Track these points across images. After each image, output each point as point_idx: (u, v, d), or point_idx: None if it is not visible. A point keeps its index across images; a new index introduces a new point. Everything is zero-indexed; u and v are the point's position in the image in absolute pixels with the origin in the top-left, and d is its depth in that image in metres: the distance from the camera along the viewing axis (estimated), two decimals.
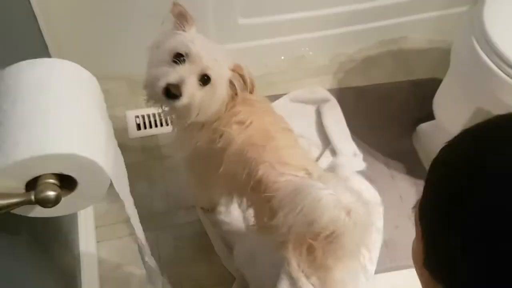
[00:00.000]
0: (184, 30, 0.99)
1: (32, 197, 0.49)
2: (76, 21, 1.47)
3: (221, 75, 0.97)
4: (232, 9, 1.57)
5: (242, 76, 0.99)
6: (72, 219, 1.22)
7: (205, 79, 0.95)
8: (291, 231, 0.84)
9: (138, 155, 1.49)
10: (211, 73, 0.95)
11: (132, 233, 1.17)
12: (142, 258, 0.89)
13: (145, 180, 1.43)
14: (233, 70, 0.99)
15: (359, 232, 0.85)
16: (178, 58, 0.94)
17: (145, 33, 1.55)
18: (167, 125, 1.57)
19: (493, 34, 1.12)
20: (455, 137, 0.45)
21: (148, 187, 1.42)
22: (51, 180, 0.51)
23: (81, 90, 0.57)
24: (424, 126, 1.55)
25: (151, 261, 0.87)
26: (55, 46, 1.33)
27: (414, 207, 0.50)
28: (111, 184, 0.58)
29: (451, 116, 1.35)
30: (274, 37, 1.72)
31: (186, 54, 0.93)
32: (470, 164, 0.40)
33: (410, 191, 1.44)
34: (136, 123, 1.57)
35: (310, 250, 0.90)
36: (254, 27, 1.66)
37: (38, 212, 0.54)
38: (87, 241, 1.26)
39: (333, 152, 1.51)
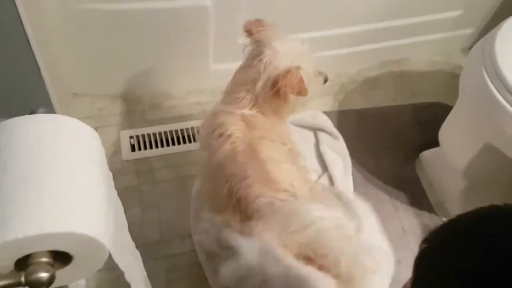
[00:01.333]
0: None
1: (22, 279, 0.44)
2: (70, 39, 1.41)
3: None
4: (235, 29, 1.52)
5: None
6: None
7: None
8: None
9: (132, 178, 1.43)
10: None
11: None
12: None
13: (138, 206, 1.37)
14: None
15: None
16: None
17: (139, 52, 1.52)
18: (163, 146, 1.51)
19: (504, 68, 1.09)
20: (437, 231, 0.45)
21: (140, 214, 1.36)
22: (44, 259, 0.45)
23: (81, 152, 0.51)
24: (427, 154, 1.51)
25: None
26: (49, 66, 1.27)
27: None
28: None
29: (457, 148, 1.31)
30: None
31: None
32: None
33: (413, 222, 1.40)
34: (131, 144, 1.51)
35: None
36: None
37: None
38: None
39: (331, 180, 1.47)
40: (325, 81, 1.20)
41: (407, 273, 1.07)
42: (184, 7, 1.40)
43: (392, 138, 1.62)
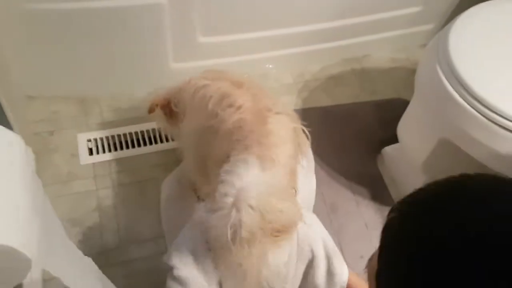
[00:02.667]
0: None
1: None
2: (22, 40, 1.36)
3: None
4: (192, 28, 1.49)
5: None
6: None
7: None
8: None
9: (90, 183, 1.39)
10: None
11: None
12: None
13: (96, 211, 1.33)
14: None
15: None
16: None
17: (95, 53, 1.47)
18: (122, 149, 1.48)
19: (458, 64, 1.10)
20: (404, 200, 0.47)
21: (98, 219, 1.32)
22: None
23: None
24: (388, 150, 1.52)
25: None
26: (2, 67, 1.22)
27: (367, 264, 0.53)
28: None
29: (415, 143, 1.32)
30: (236, 55, 1.66)
31: None
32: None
33: (375, 218, 1.41)
34: (88, 148, 1.46)
35: None
36: (215, 45, 1.59)
37: None
38: None
39: None
40: None
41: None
42: (138, 5, 1.36)
43: (355, 134, 1.62)
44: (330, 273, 0.94)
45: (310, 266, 0.94)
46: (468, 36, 1.16)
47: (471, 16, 1.22)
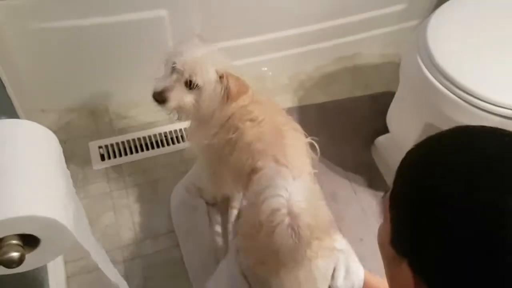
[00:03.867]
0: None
1: None
2: (33, 58, 1.47)
3: (207, 80, 1.06)
4: (192, 37, 1.60)
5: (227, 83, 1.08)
6: None
7: (192, 84, 1.06)
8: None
9: (103, 186, 1.49)
10: (196, 79, 1.05)
11: None
12: None
13: (111, 211, 1.43)
14: (220, 77, 1.07)
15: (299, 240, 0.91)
16: (174, 68, 1.06)
17: (102, 65, 1.58)
18: (132, 153, 1.58)
19: (436, 53, 1.20)
20: (421, 142, 0.54)
21: (114, 218, 1.42)
22: (14, 241, 0.52)
23: (38, 147, 0.58)
24: (381, 139, 1.62)
25: None
26: (16, 84, 1.32)
27: (383, 196, 0.60)
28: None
29: (403, 131, 1.42)
30: (233, 60, 1.75)
31: (174, 63, 1.05)
32: (432, 163, 0.49)
33: (372, 203, 1.50)
34: (100, 154, 1.57)
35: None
36: None
37: (3, 271, 0.55)
38: (57, 278, 1.24)
39: None
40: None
41: (370, 250, 1.18)
42: (141, 19, 1.47)
43: (350, 127, 1.72)
44: (348, 274, 1.04)
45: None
46: (445, 27, 1.26)
47: (448, 8, 1.32)
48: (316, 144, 1.16)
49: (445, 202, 0.45)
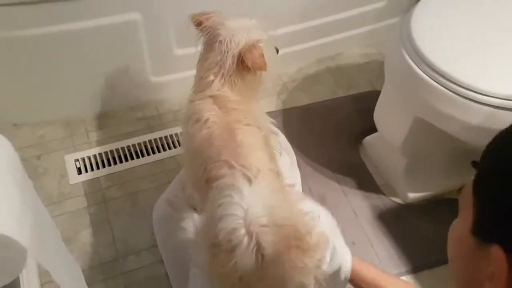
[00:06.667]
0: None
1: None
2: (3, 69, 1.39)
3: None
4: (168, 41, 1.54)
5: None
6: (13, 281, 1.12)
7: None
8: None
9: (81, 201, 1.41)
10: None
11: None
12: None
13: (89, 227, 1.35)
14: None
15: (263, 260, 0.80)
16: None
17: (75, 74, 1.51)
18: (110, 165, 1.50)
19: (421, 44, 1.16)
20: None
21: (92, 235, 1.33)
22: None
23: None
24: (369, 139, 1.57)
25: None
26: None
27: (458, 190, 0.57)
28: None
29: (392, 128, 1.37)
30: None
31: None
32: None
33: (363, 205, 1.44)
34: (77, 167, 1.49)
35: None
36: (191, 56, 1.61)
37: None
38: None
39: None
40: (277, 52, 1.23)
41: (362, 254, 1.11)
42: (113, 23, 1.41)
43: (335, 129, 1.67)
44: (333, 260, 0.97)
45: None
46: (429, 18, 1.23)
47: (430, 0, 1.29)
48: (275, 129, 1.12)
49: None
